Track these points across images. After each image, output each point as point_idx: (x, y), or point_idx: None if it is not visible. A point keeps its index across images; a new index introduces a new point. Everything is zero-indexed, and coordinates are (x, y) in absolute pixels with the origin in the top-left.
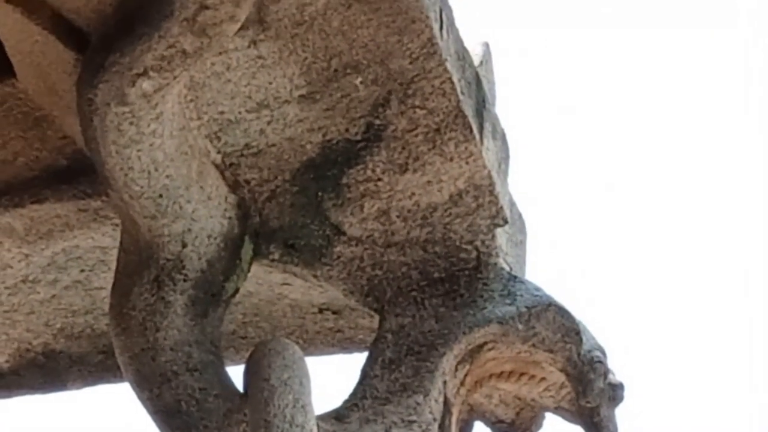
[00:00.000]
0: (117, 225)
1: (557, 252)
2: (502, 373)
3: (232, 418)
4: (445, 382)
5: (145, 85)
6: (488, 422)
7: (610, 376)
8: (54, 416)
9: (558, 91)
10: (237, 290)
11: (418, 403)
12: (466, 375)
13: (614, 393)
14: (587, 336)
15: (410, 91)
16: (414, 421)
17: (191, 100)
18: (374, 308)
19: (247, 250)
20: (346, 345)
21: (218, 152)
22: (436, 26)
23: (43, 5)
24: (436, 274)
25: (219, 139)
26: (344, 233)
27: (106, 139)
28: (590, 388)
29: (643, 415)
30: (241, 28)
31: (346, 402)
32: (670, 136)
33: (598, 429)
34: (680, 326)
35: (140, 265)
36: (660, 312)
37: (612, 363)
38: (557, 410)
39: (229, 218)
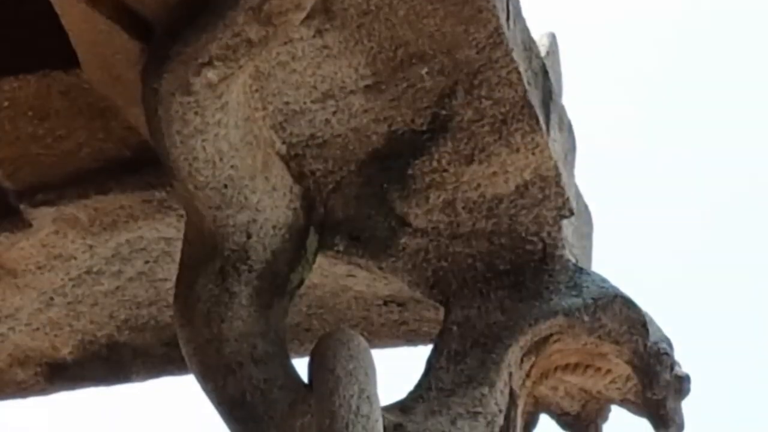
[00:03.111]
0: (181, 216)
1: (623, 244)
2: (567, 365)
3: (296, 409)
4: (510, 374)
5: (210, 74)
6: (553, 415)
7: (677, 368)
8: (118, 408)
9: (626, 83)
10: (302, 281)
11: (483, 395)
12: (531, 367)
13: (680, 385)
14: (653, 328)
15: (476, 82)
16: (479, 413)
17: (256, 90)
18: (439, 300)
19: (312, 241)
20: (410, 337)
21: (283, 143)
22: (502, 16)
23: None
24: (501, 266)
25: (284, 129)
26: (409, 225)
27: (170, 129)
28: (656, 380)
29: (709, 408)
30: (306, 18)
31: (411, 393)
32: (741, 127)
33: (664, 421)
34: (748, 317)
35: (205, 256)
36: (727, 302)
37: (678, 355)
38: (623, 402)
39: (294, 209)
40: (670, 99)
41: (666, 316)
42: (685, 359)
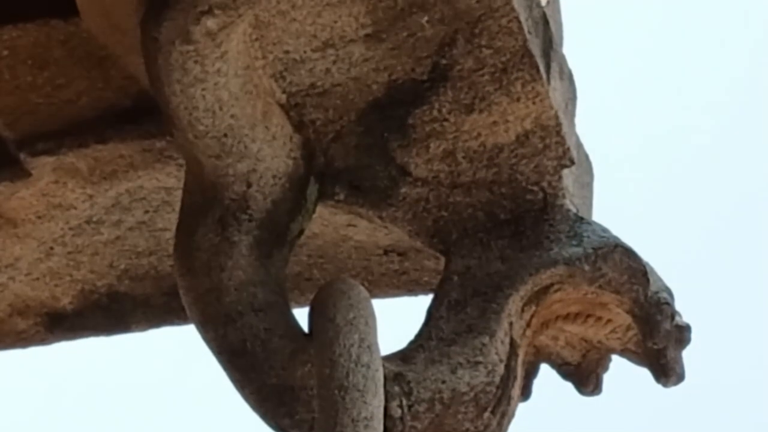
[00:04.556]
0: (181, 165)
1: (624, 194)
2: (568, 314)
3: (297, 358)
4: (511, 324)
5: (210, 23)
6: (554, 364)
7: (677, 318)
8: (118, 358)
9: (628, 33)
10: (302, 231)
11: (484, 344)
12: (532, 316)
13: (681, 335)
14: (654, 277)
15: (477, 30)
16: (480, 362)
17: (256, 39)
18: (440, 250)
19: (312, 190)
20: (411, 287)
21: (283, 92)
22: None
23: None
24: (502, 216)
25: (284, 78)
26: (410, 174)
27: (170, 78)
28: (657, 329)
29: (710, 358)
30: None
31: (411, 343)
32: (745, 74)
33: (664, 371)
34: (747, 266)
35: (204, 205)
36: (727, 252)
37: (679, 305)
38: (624, 352)
39: (294, 158)
40: (672, 48)
41: (667, 265)
42: (685, 309)
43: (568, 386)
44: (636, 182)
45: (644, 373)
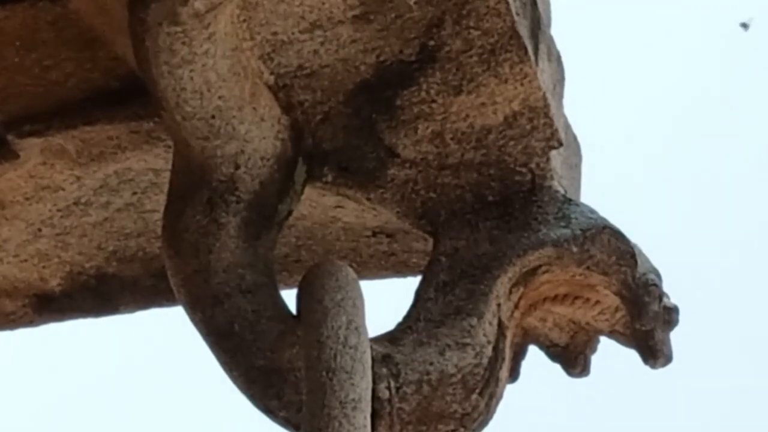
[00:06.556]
0: (169, 147)
1: (612, 175)
2: (556, 296)
3: (285, 339)
4: (499, 305)
5: (197, 4)
6: (542, 346)
7: (665, 300)
8: (106, 339)
9: (615, 13)
10: (290, 212)
11: (472, 326)
12: (520, 298)
13: (669, 317)
14: (642, 259)
15: (464, 12)
16: (468, 344)
17: (244, 21)
18: (428, 231)
19: (301, 172)
20: (399, 269)
21: (271, 73)
22: None
23: None
24: (490, 197)
25: (272, 60)
26: (398, 155)
27: (158, 60)
28: (645, 311)
29: (696, 339)
30: None
31: (399, 325)
32: (737, 54)
33: (652, 352)
34: (737, 249)
35: (193, 187)
36: (716, 233)
37: (666, 286)
38: (612, 334)
39: (282, 140)
40: (660, 29)
41: (654, 247)
42: (673, 290)
43: (556, 368)
44: (624, 163)
45: (632, 355)
